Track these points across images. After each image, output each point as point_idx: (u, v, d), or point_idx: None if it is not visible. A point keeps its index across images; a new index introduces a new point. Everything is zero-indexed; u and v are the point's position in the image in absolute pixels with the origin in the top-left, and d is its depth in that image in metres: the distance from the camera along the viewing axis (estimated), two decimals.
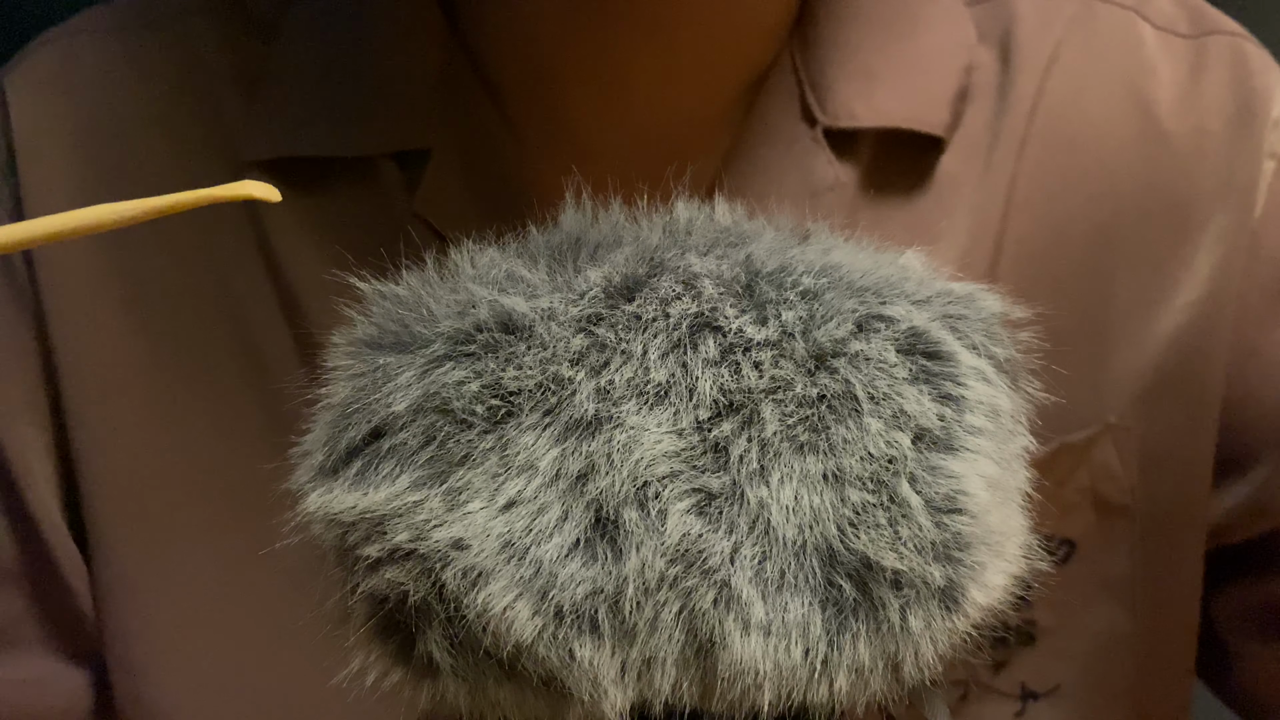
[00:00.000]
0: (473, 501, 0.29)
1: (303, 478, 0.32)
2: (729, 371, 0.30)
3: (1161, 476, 0.53)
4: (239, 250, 0.52)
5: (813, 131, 0.50)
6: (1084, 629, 0.53)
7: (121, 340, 0.52)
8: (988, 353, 0.32)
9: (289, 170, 0.51)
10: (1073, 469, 0.52)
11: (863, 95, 0.50)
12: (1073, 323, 0.52)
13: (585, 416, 0.29)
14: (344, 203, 0.51)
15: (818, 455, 0.29)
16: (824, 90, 0.50)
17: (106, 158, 0.53)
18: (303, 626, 0.32)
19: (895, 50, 0.51)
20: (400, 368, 0.31)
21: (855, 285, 0.31)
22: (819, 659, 0.29)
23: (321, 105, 0.51)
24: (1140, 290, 0.52)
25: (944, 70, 0.51)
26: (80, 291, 0.52)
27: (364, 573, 0.30)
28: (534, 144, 0.51)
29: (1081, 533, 0.53)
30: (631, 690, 0.29)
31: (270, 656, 0.50)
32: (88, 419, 0.52)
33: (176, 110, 0.53)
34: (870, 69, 0.51)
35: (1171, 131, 0.53)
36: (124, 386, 0.52)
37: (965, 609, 0.30)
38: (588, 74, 0.49)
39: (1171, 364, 0.52)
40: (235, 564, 0.50)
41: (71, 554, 0.53)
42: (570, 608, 0.28)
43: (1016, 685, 0.53)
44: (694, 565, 0.29)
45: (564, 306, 0.30)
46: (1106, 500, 0.53)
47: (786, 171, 0.50)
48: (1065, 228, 0.52)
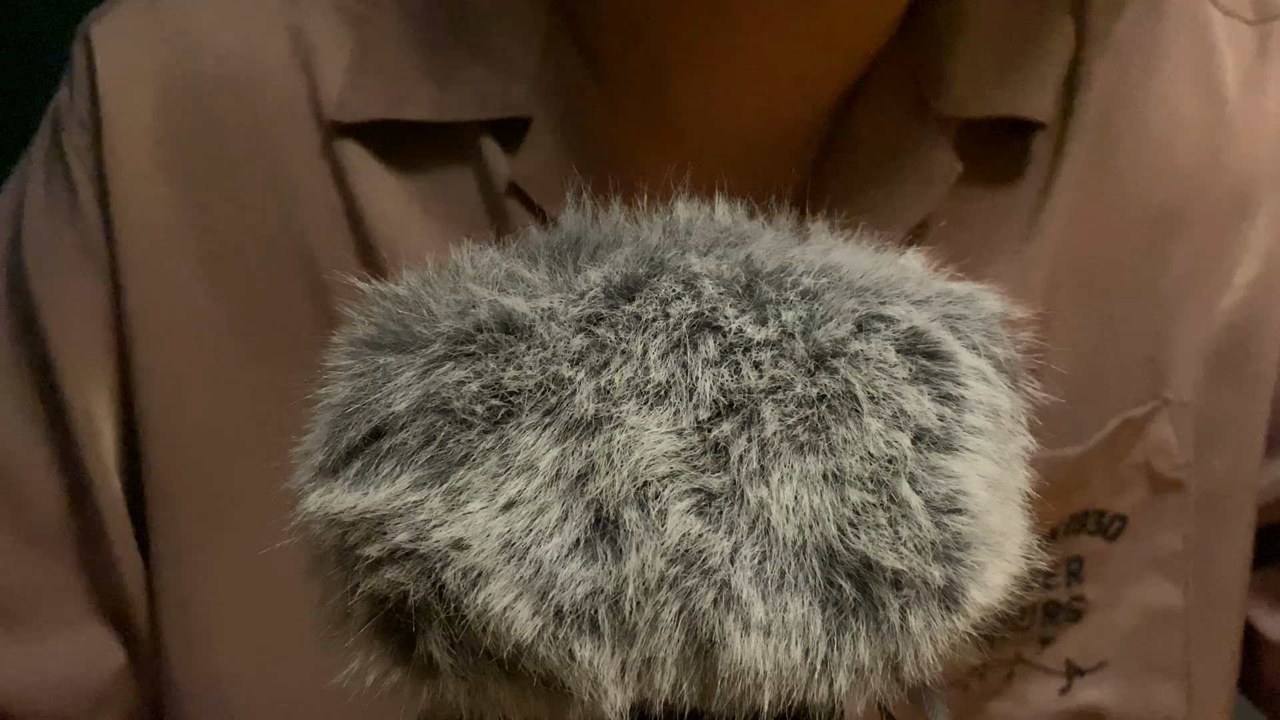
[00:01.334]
0: (473, 501, 0.29)
1: (303, 478, 0.32)
2: (729, 371, 0.30)
3: (1216, 453, 0.53)
4: (322, 214, 0.51)
5: (926, 121, 0.50)
6: (1133, 605, 0.53)
7: (197, 299, 0.51)
8: (988, 353, 0.32)
9: (381, 134, 0.50)
10: (1130, 445, 0.52)
11: (974, 84, 0.50)
12: (1132, 298, 0.52)
13: (585, 416, 0.29)
14: (435, 169, 0.50)
15: (818, 455, 0.29)
16: (936, 80, 0.50)
17: (189, 114, 0.52)
18: None
19: (1005, 38, 0.51)
20: (400, 368, 0.31)
21: (855, 285, 0.31)
22: (819, 659, 0.29)
23: (422, 69, 0.50)
24: (1199, 267, 0.53)
25: (1051, 57, 0.51)
26: (158, 248, 0.51)
27: (364, 573, 0.30)
28: (633, 124, 0.50)
29: (1133, 508, 0.53)
30: (631, 690, 0.29)
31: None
32: (158, 378, 0.51)
33: (262, 68, 0.52)
34: (980, 58, 0.50)
35: (1235, 114, 0.54)
36: (197, 347, 0.51)
37: (965, 609, 0.30)
38: (698, 51, 0.48)
39: (1228, 341, 0.53)
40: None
41: (121, 522, 0.52)
42: (570, 608, 0.28)
43: (1062, 662, 0.53)
44: (694, 565, 0.29)
45: (564, 306, 0.30)
46: (1161, 476, 0.53)
47: (900, 161, 0.50)
48: (1128, 206, 0.52)
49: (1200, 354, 0.53)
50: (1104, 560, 0.53)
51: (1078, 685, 0.53)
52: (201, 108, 0.52)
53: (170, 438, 0.51)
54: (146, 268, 0.51)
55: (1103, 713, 0.54)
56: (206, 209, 0.52)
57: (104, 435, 0.52)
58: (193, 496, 0.51)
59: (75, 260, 0.52)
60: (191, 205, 0.51)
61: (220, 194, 0.52)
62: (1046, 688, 0.53)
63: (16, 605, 0.53)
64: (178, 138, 0.52)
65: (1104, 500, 0.53)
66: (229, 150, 0.52)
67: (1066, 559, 0.53)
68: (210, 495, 0.51)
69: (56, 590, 0.53)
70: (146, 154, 0.52)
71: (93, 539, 0.53)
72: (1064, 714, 0.53)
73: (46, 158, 0.54)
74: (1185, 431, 0.53)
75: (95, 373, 0.52)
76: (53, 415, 0.52)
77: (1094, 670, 0.53)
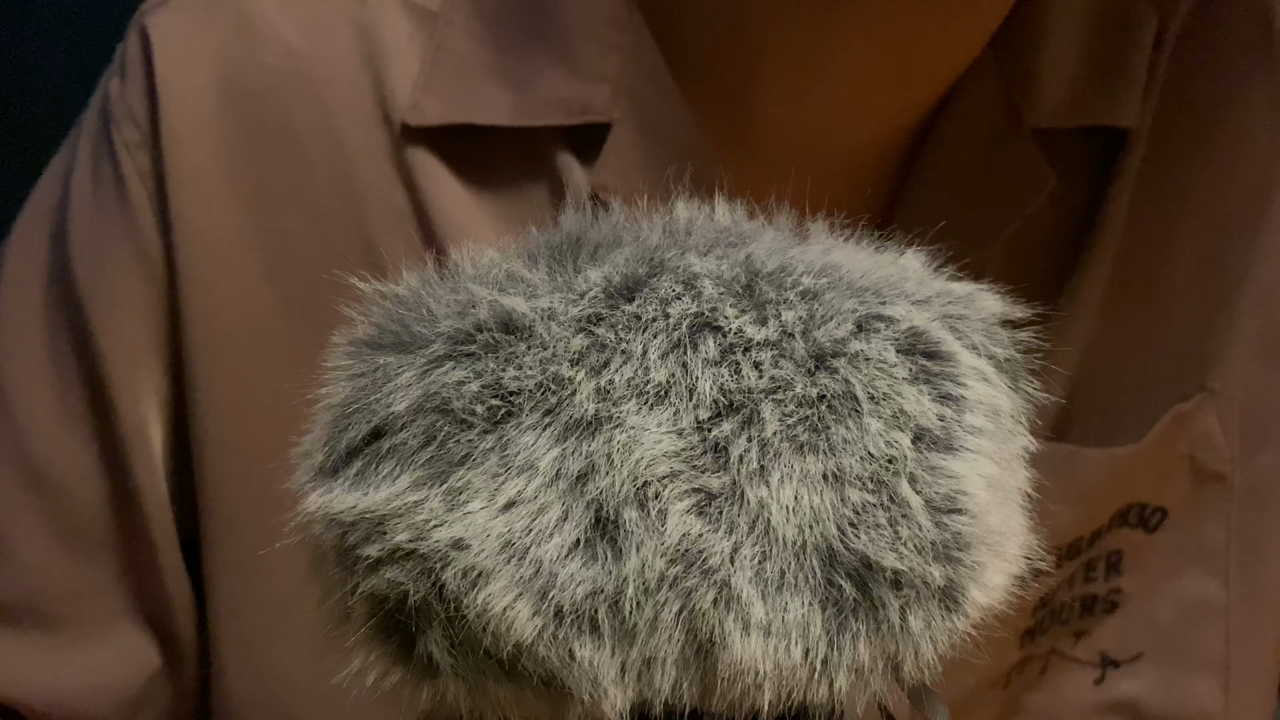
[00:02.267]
0: (473, 501, 0.29)
1: (303, 478, 0.32)
2: (729, 371, 0.30)
3: (1262, 447, 0.53)
4: (391, 219, 0.50)
5: (1019, 132, 0.49)
6: (1171, 597, 0.53)
7: (261, 307, 0.50)
8: (988, 353, 0.32)
9: (453, 138, 0.49)
10: (1177, 437, 0.52)
11: (1067, 94, 0.50)
12: (1187, 297, 0.52)
13: (585, 416, 0.29)
14: (507, 178, 0.49)
15: (818, 455, 0.29)
16: (1027, 90, 0.49)
17: (249, 116, 0.50)
18: None
19: (1092, 47, 0.50)
20: (400, 368, 0.31)
21: (855, 285, 0.31)
22: (819, 659, 0.29)
23: (498, 71, 0.49)
24: (1250, 259, 0.52)
25: (1135, 64, 0.51)
26: (222, 252, 0.50)
27: (364, 573, 0.30)
28: (716, 134, 0.49)
29: (1175, 500, 0.52)
30: (631, 690, 0.29)
31: None
32: (219, 386, 0.50)
33: (329, 65, 0.50)
34: (1071, 67, 0.50)
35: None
36: (262, 353, 0.50)
37: (965, 609, 0.30)
38: (792, 75, 0.47)
39: (1276, 335, 0.52)
40: None
41: (168, 528, 0.51)
42: (570, 608, 0.28)
43: (1096, 654, 0.53)
44: (694, 565, 0.29)
45: (564, 306, 0.30)
46: (1204, 468, 0.52)
47: (991, 175, 0.49)
48: (1185, 193, 0.52)
49: (1250, 349, 0.52)
50: (1144, 552, 0.52)
51: (1112, 677, 0.53)
52: (266, 105, 0.50)
53: (231, 446, 0.50)
54: (209, 272, 0.50)
55: (1137, 705, 0.53)
56: (273, 210, 0.50)
57: (153, 441, 0.51)
58: (253, 507, 0.50)
59: (126, 262, 0.50)
60: (258, 207, 0.50)
61: (287, 194, 0.50)
62: (1081, 680, 0.52)
63: (56, 608, 0.52)
64: (242, 136, 0.50)
65: (1147, 493, 0.52)
66: (296, 149, 0.51)
67: (1107, 553, 0.52)
68: (270, 505, 0.51)
69: (96, 594, 0.53)
70: (209, 154, 0.50)
71: (137, 543, 0.52)
72: (1099, 706, 0.53)
73: (94, 150, 0.52)
74: (1231, 424, 0.52)
75: (146, 378, 0.51)
76: (101, 419, 0.51)
77: (1130, 662, 0.53)
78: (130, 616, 0.53)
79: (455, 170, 0.49)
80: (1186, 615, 0.53)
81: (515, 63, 0.49)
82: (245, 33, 0.51)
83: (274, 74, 0.50)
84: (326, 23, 0.51)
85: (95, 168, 0.52)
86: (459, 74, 0.49)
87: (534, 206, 0.49)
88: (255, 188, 0.50)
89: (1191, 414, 0.52)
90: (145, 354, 0.51)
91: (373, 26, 0.50)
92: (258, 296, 0.50)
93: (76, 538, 0.52)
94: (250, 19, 0.51)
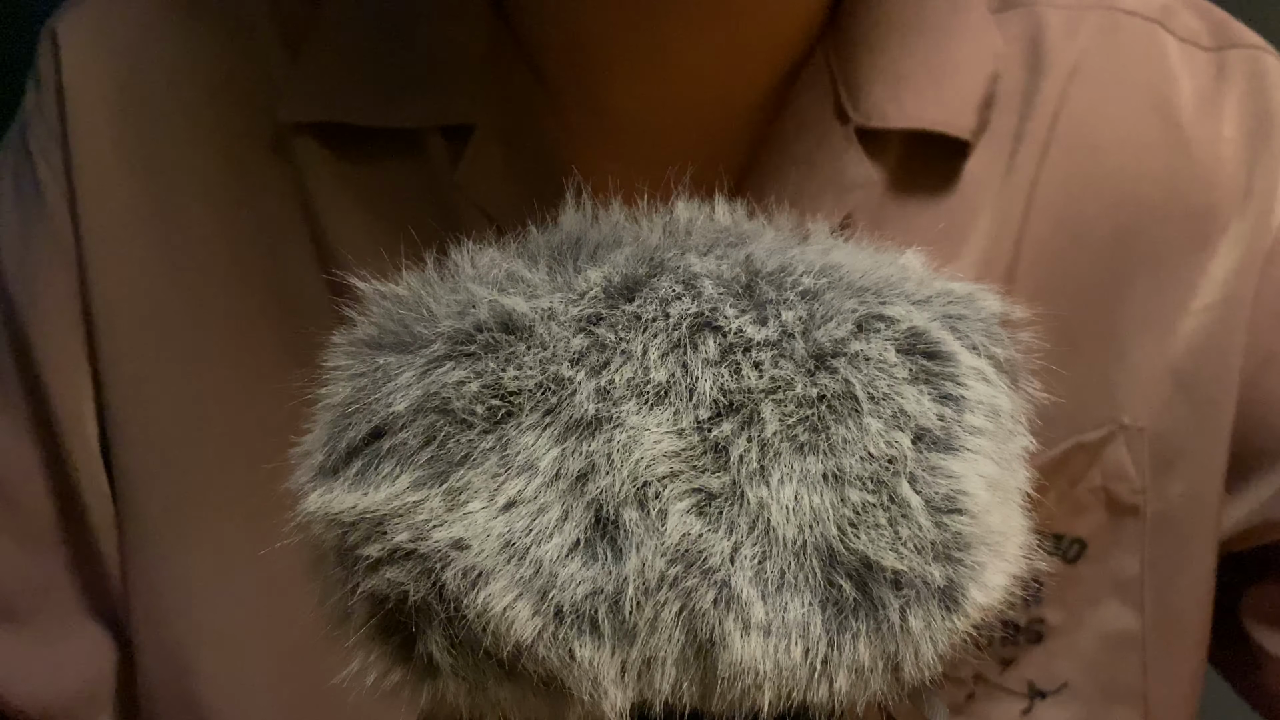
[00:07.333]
0: (473, 501, 0.29)
1: (303, 478, 0.32)
2: (729, 371, 0.30)
3: (1173, 478, 0.53)
4: (281, 208, 0.52)
5: (845, 129, 0.50)
6: (1092, 628, 0.53)
7: (157, 289, 0.52)
8: (988, 353, 0.32)
9: (333, 134, 0.51)
10: (1085, 468, 0.52)
11: (893, 97, 0.51)
12: (1089, 323, 0.52)
13: (585, 416, 0.29)
14: (387, 171, 0.51)
15: (818, 455, 0.29)
16: (856, 90, 0.51)
17: (148, 110, 0.53)
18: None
19: (925, 54, 0.51)
20: (400, 368, 0.31)
21: (855, 285, 0.31)
22: (819, 659, 0.29)
23: (366, 73, 0.51)
24: (1157, 293, 0.53)
25: (972, 76, 0.52)
26: (119, 236, 0.52)
27: (364, 573, 0.30)
28: (575, 123, 0.51)
29: (1092, 532, 0.53)
30: (631, 690, 0.29)
31: (296, 606, 0.50)
32: (122, 370, 0.52)
33: (219, 67, 0.53)
34: (901, 72, 0.51)
35: (1192, 139, 0.53)
36: (160, 337, 0.52)
37: (965, 609, 0.30)
38: (629, 54, 0.49)
39: (1187, 367, 0.53)
40: (262, 516, 0.50)
41: (108, 518, 0.52)
42: (570, 608, 0.28)
43: (1024, 683, 0.53)
44: (694, 565, 0.29)
45: (564, 306, 0.30)
46: (1118, 500, 0.53)
47: (818, 166, 0.50)
48: (1085, 231, 0.52)
49: (1158, 379, 0.52)
50: (1065, 584, 0.53)
51: (1039, 707, 0.53)
52: (167, 96, 0.53)
53: (134, 428, 0.52)
54: (111, 259, 0.52)
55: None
56: (171, 196, 0.52)
57: (88, 431, 0.52)
58: (157, 487, 0.52)
59: (47, 258, 0.52)
60: (158, 194, 0.52)
61: (186, 181, 0.52)
62: (1008, 709, 0.53)
63: (19, 605, 0.53)
64: (143, 126, 0.52)
65: (1063, 524, 0.53)
66: (194, 138, 0.53)
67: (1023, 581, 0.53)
68: (173, 486, 0.52)
69: (55, 589, 0.53)
70: (110, 145, 0.52)
71: (82, 535, 0.53)
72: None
73: (15, 159, 0.54)
74: (1141, 456, 0.53)
75: (76, 368, 0.52)
76: (40, 414, 0.53)
77: (1056, 693, 0.53)
78: (88, 611, 0.54)
79: (338, 159, 0.51)
80: (1106, 646, 0.54)
81: (381, 64, 0.51)
82: (146, 27, 0.53)
83: (169, 72, 0.53)
84: (222, 23, 0.53)
85: (17, 174, 0.54)
86: (331, 73, 0.52)
87: (410, 195, 0.51)
88: (155, 176, 0.52)
89: (1100, 446, 0.52)
90: (73, 345, 0.52)
91: (265, 24, 0.53)
92: (155, 282, 0.52)
93: (29, 535, 0.53)
94: (147, 20, 0.53)
